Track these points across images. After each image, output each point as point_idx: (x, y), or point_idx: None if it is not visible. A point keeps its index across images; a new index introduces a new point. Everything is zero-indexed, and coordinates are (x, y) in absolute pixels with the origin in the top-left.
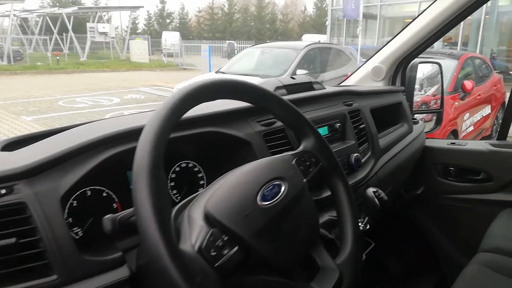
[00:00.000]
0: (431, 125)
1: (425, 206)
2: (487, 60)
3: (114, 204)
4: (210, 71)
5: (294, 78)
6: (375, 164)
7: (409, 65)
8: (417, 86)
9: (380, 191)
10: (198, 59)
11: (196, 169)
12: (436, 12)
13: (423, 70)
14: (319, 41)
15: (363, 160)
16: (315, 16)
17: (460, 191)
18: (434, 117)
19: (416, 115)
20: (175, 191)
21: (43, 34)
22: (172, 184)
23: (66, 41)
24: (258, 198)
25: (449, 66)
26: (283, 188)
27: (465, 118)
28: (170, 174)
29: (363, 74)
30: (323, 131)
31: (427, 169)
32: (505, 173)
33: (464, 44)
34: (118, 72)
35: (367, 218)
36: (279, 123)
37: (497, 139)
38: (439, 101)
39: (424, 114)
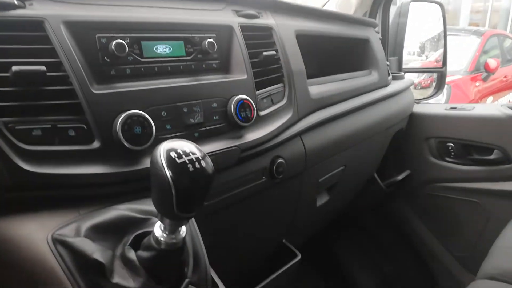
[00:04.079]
0: (429, 91)
1: (412, 198)
2: None
3: None
4: None
5: None
6: (297, 120)
7: (398, 7)
8: (417, 49)
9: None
10: None
11: None
12: None
13: (422, 26)
14: None
15: (264, 112)
16: None
17: (463, 177)
18: (434, 83)
19: (406, 74)
20: None
21: None
22: None
23: None
24: None
25: (471, 43)
26: None
27: (488, 102)
28: None
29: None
30: (174, 48)
31: (415, 145)
32: None
33: None
34: None
35: None
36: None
37: None
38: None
39: (421, 77)
